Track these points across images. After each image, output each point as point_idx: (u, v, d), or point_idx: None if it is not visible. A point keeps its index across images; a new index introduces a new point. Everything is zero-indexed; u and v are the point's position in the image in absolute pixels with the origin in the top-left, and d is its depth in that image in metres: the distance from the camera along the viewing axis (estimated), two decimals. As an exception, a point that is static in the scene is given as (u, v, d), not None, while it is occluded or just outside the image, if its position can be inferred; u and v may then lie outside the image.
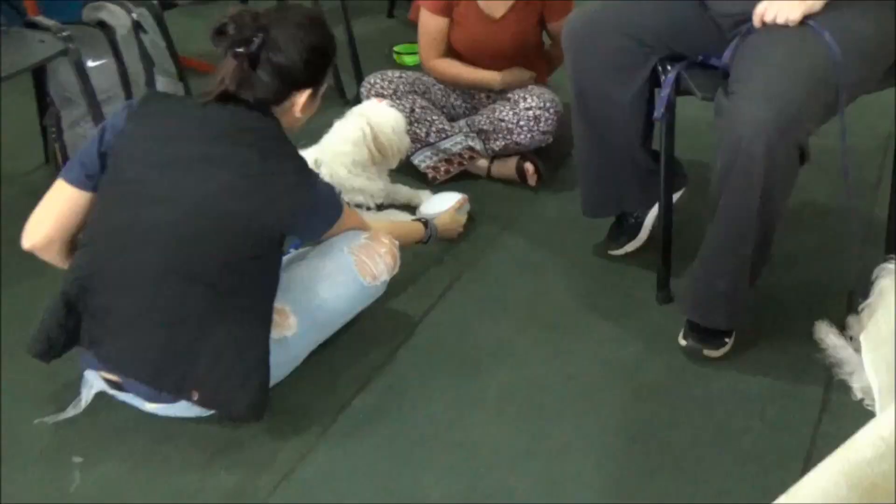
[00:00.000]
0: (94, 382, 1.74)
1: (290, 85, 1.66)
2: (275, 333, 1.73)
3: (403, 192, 2.47)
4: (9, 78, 2.04)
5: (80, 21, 2.38)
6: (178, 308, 1.57)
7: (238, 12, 1.61)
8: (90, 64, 2.34)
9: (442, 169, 2.55)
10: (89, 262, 1.61)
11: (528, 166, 2.50)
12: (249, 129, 1.61)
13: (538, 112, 2.46)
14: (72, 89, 2.32)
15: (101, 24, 2.38)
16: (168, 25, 2.62)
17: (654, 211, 2.17)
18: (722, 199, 1.72)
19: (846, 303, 1.91)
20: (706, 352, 1.87)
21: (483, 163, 2.58)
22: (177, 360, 1.60)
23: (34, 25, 2.23)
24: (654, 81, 1.94)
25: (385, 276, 1.88)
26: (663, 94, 1.87)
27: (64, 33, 2.17)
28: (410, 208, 2.44)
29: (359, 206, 2.32)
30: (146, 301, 1.58)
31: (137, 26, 2.38)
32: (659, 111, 1.87)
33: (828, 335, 1.75)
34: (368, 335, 1.98)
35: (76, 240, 1.70)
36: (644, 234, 2.21)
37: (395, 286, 2.03)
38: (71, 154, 2.46)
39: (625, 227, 2.22)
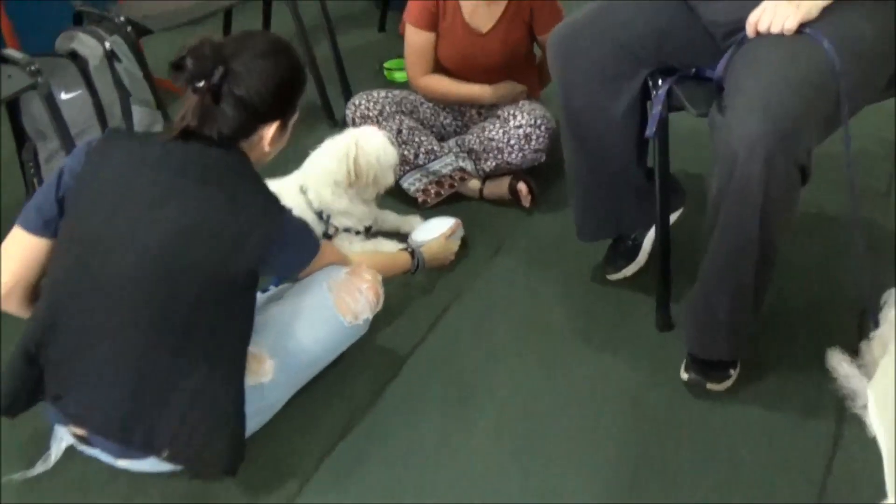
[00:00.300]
0: (64, 436, 1.66)
1: (255, 118, 1.57)
2: (250, 380, 1.64)
3: (391, 218, 2.37)
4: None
5: (52, 53, 2.30)
6: (143, 359, 1.48)
7: (197, 44, 1.52)
8: (63, 96, 2.27)
9: (432, 192, 2.46)
10: (49, 311, 1.52)
11: (522, 186, 2.40)
12: (214, 167, 1.52)
13: (529, 130, 2.36)
14: (45, 123, 2.24)
15: (73, 55, 2.30)
16: (147, 52, 2.55)
17: (652, 232, 2.06)
18: (718, 222, 1.61)
19: (858, 323, 1.79)
20: (709, 385, 1.76)
21: (475, 184, 2.48)
22: (144, 415, 1.50)
23: (3, 59, 2.15)
24: (646, 95, 1.84)
25: (367, 314, 1.78)
26: (655, 110, 1.76)
27: (32, 66, 2.09)
28: (401, 236, 2.35)
29: (347, 230, 2.23)
30: (109, 353, 1.49)
31: (111, 55, 2.31)
32: (651, 129, 1.76)
33: (840, 364, 1.63)
34: (352, 374, 1.88)
35: (39, 287, 1.61)
36: (643, 257, 2.10)
37: (382, 320, 1.94)
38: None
39: (622, 250, 2.11)
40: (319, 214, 2.20)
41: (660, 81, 1.79)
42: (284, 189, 2.24)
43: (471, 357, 1.93)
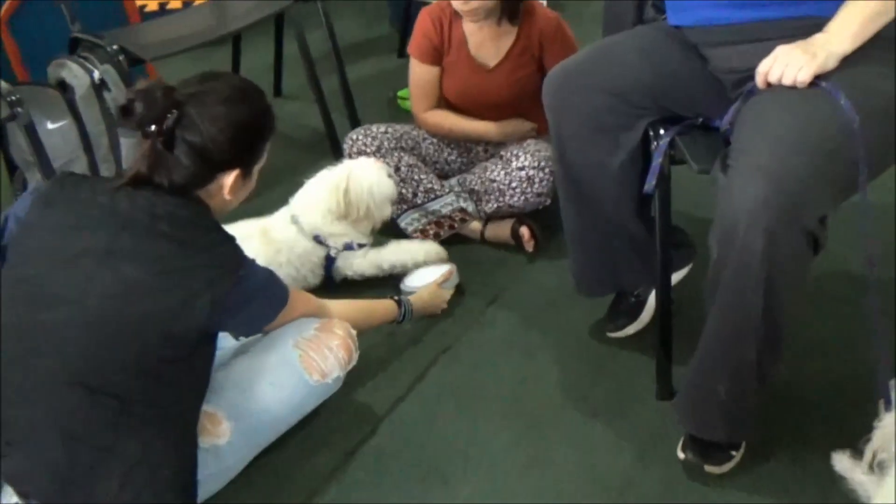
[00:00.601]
0: (12, 495, 1.56)
1: (212, 167, 1.46)
2: (204, 441, 1.53)
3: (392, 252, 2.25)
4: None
5: (38, 82, 2.24)
6: (79, 422, 1.37)
7: (147, 87, 1.42)
8: (49, 126, 2.20)
9: (431, 233, 2.33)
10: None
11: (524, 230, 2.26)
12: (164, 218, 1.41)
13: (532, 172, 2.21)
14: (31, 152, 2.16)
15: (63, 84, 2.23)
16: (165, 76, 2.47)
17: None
18: (718, 294, 1.45)
19: (876, 410, 1.61)
20: (708, 468, 1.59)
21: (476, 225, 2.34)
22: (81, 481, 1.39)
23: (-13, 87, 2.09)
24: (648, 144, 1.69)
25: (337, 373, 1.66)
26: (654, 164, 1.61)
27: (13, 97, 2.03)
28: (394, 278, 2.23)
29: (349, 248, 2.14)
30: (42, 413, 1.38)
31: (101, 84, 2.23)
32: (650, 183, 1.62)
33: (853, 471, 1.43)
34: (321, 434, 1.75)
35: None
36: (647, 315, 1.94)
37: (361, 372, 1.82)
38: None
39: (624, 307, 1.95)
40: (316, 238, 2.11)
41: (661, 132, 1.64)
42: (275, 223, 2.15)
43: (453, 421, 1.79)
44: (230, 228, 2.10)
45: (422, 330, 2.04)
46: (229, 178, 1.49)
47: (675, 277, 1.88)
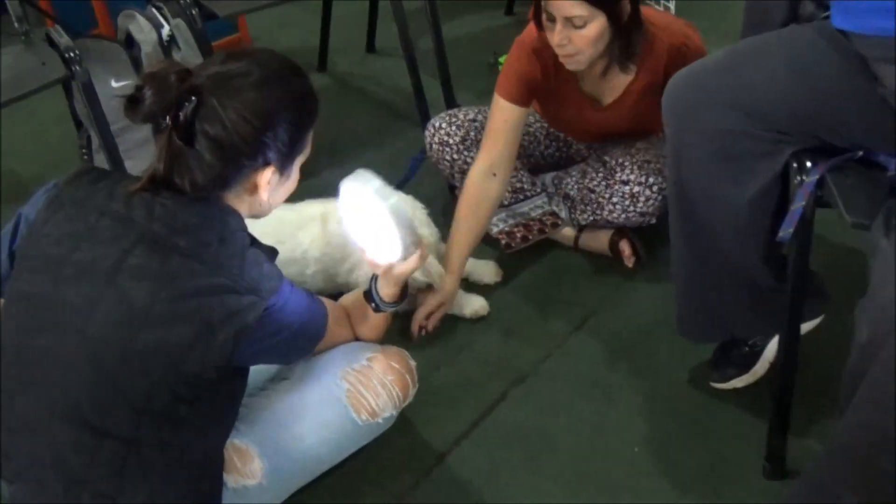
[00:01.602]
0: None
1: (240, 163, 1.22)
2: (231, 480, 1.35)
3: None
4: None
5: (105, 36, 2.05)
6: (80, 464, 1.19)
7: (158, 70, 1.17)
8: (113, 84, 2.02)
9: (518, 235, 2.06)
10: None
11: (625, 245, 1.97)
12: (185, 230, 1.19)
13: (637, 189, 1.89)
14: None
15: (130, 39, 2.04)
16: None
17: (777, 340, 1.60)
18: (863, 387, 1.15)
19: None
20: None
21: (569, 231, 2.06)
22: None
23: (50, 39, 1.92)
24: (787, 179, 1.37)
25: (390, 412, 1.44)
26: (795, 206, 1.30)
27: (71, 52, 1.84)
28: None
29: None
30: (43, 449, 1.21)
31: (170, 41, 2.03)
32: (786, 230, 1.30)
33: None
34: (366, 473, 1.55)
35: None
36: (762, 367, 1.64)
37: (421, 401, 1.58)
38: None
39: (735, 356, 1.65)
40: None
41: (808, 165, 1.32)
42: (332, 211, 1.88)
43: (517, 474, 1.55)
44: (290, 209, 1.93)
45: (492, 353, 1.80)
46: (263, 177, 1.24)
47: (804, 328, 1.57)
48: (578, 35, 1.69)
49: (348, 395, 1.41)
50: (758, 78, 1.34)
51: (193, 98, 1.17)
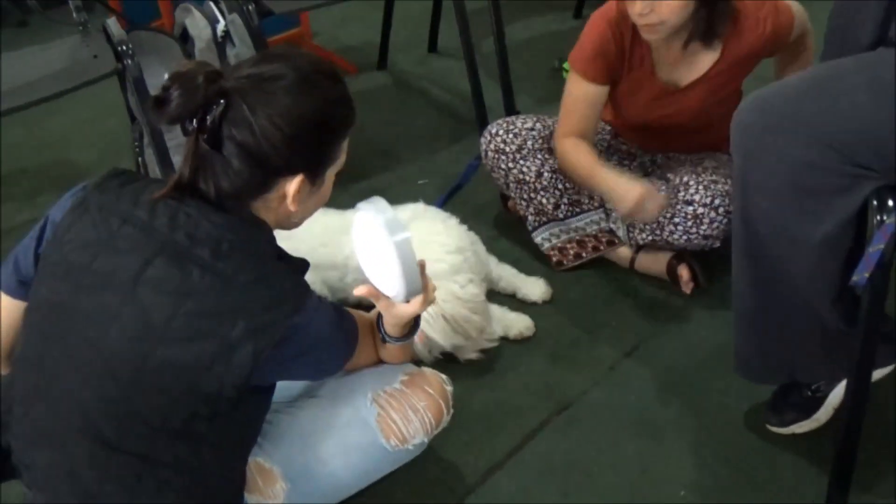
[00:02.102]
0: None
1: (269, 171, 1.16)
2: (253, 499, 1.29)
3: (509, 277, 1.92)
4: (39, 102, 1.71)
5: (157, 29, 2.02)
6: (93, 479, 1.15)
7: (186, 71, 1.11)
8: (166, 78, 1.98)
9: (571, 253, 1.97)
10: (7, 391, 1.23)
11: (683, 269, 1.86)
12: (208, 241, 1.13)
13: (701, 210, 1.78)
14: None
15: (185, 33, 2.01)
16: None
17: (843, 386, 1.48)
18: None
19: None
20: None
21: (625, 251, 1.96)
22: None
23: (106, 31, 1.89)
24: (865, 218, 1.25)
25: (420, 439, 1.37)
26: (873, 249, 1.18)
27: (123, 46, 1.82)
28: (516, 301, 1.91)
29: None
30: (58, 460, 1.17)
31: (225, 37, 1.99)
32: (861, 275, 1.19)
33: None
34: (392, 501, 1.48)
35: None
36: (824, 414, 1.52)
37: (456, 425, 1.49)
38: (151, 172, 2.15)
39: (795, 400, 1.54)
40: None
41: (890, 204, 1.20)
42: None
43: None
44: (337, 215, 1.87)
45: (536, 376, 1.72)
46: (292, 186, 1.18)
47: (876, 375, 1.45)
48: (662, 3, 1.60)
49: (378, 419, 1.34)
50: (839, 106, 1.22)
51: (222, 101, 1.11)
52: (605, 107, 1.92)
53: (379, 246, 1.24)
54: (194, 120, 1.11)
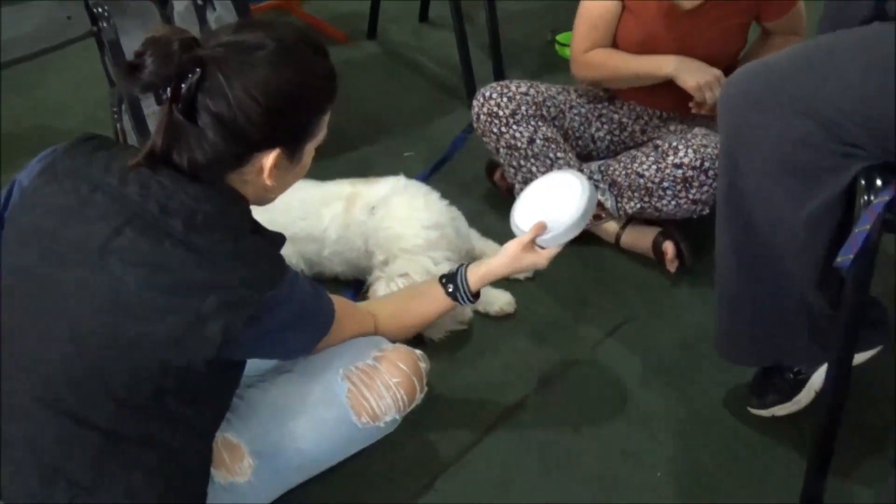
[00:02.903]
0: None
1: (245, 144, 1.12)
2: (219, 476, 1.27)
3: (491, 254, 1.88)
4: (14, 63, 1.66)
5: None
6: (58, 453, 1.12)
7: (160, 36, 1.07)
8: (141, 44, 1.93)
9: (557, 226, 1.94)
10: None
11: (668, 246, 1.83)
12: (180, 213, 1.10)
13: (690, 174, 1.75)
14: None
15: (164, -5, 1.96)
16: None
17: (825, 369, 1.45)
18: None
19: None
20: None
21: (612, 226, 1.92)
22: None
23: (82, -8, 1.84)
24: (853, 198, 1.22)
25: (393, 416, 1.34)
26: (860, 229, 1.15)
27: (99, 8, 1.77)
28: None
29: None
30: (23, 434, 1.13)
31: (204, 2, 1.94)
32: (845, 256, 1.16)
33: None
34: (365, 476, 1.46)
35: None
36: (805, 397, 1.49)
37: (432, 401, 1.48)
38: (129, 139, 2.11)
39: (777, 382, 1.51)
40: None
41: (878, 183, 1.17)
42: (369, 195, 1.80)
43: (525, 487, 1.44)
44: (318, 186, 1.84)
45: (516, 353, 1.69)
46: (269, 160, 1.14)
47: (857, 359, 1.42)
48: None
49: (349, 395, 1.31)
50: (829, 83, 1.18)
51: (197, 70, 1.07)
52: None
53: (569, 194, 1.46)
54: (168, 88, 1.07)
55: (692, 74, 1.79)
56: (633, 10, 1.87)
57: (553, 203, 1.47)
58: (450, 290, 1.47)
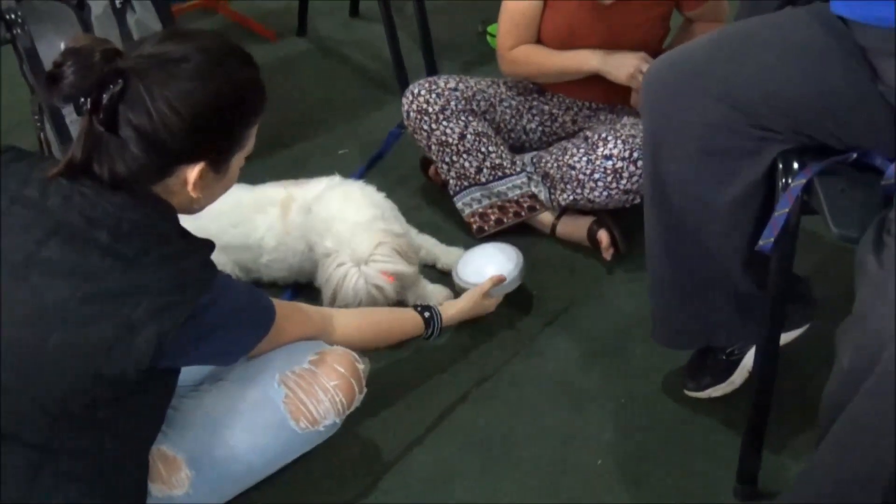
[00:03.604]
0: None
1: (167, 157, 1.11)
2: (156, 490, 1.25)
3: (430, 246, 1.89)
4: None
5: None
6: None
7: (81, 47, 1.05)
8: (63, 47, 1.87)
9: (492, 218, 1.94)
10: None
11: (603, 235, 1.84)
12: (105, 222, 1.08)
13: (620, 164, 1.77)
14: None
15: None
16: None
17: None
18: (842, 420, 1.04)
19: None
20: None
21: (547, 217, 1.94)
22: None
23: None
24: (773, 181, 1.24)
25: (331, 420, 1.33)
26: (779, 212, 1.17)
27: (12, 14, 1.71)
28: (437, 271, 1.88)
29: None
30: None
31: (125, 2, 1.89)
32: (767, 239, 1.18)
33: None
34: (307, 479, 1.45)
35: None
36: (739, 377, 1.52)
37: (373, 400, 1.47)
38: (54, 149, 2.05)
39: (711, 364, 1.54)
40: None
41: (796, 166, 1.19)
42: (302, 198, 1.77)
43: (474, 487, 1.44)
44: (250, 190, 1.81)
45: (457, 349, 1.69)
46: (193, 173, 1.13)
47: (786, 338, 1.45)
48: None
49: (286, 400, 1.30)
50: (745, 68, 1.21)
51: (119, 81, 1.05)
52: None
53: (503, 256, 1.78)
54: (88, 100, 1.05)
55: (619, 68, 1.81)
56: (555, 6, 1.87)
57: (492, 262, 1.75)
58: (426, 315, 1.58)
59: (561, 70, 1.91)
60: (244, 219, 1.76)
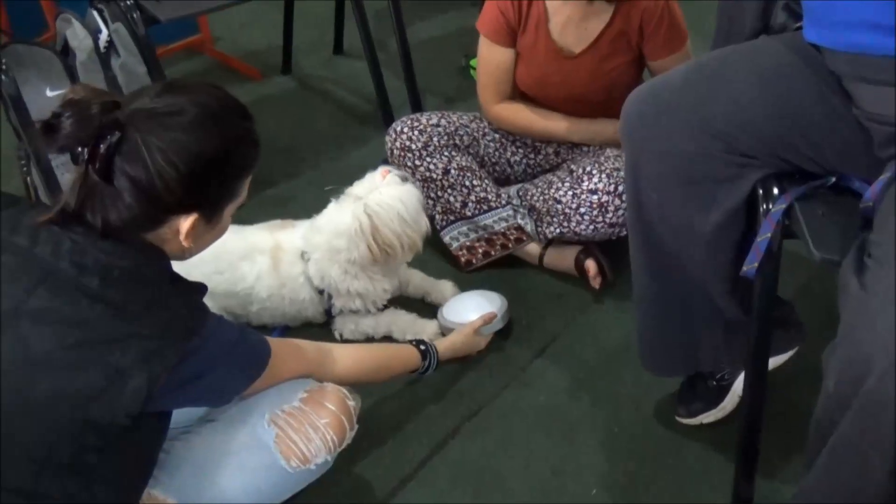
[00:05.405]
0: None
1: (161, 208, 1.12)
2: (147, 533, 1.24)
3: (418, 281, 1.89)
4: None
5: (38, 42, 1.93)
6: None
7: (80, 98, 1.06)
8: (49, 93, 1.90)
9: (480, 251, 1.95)
10: None
11: (590, 264, 1.85)
12: (96, 270, 1.08)
13: (605, 199, 1.78)
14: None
15: (66, 45, 1.92)
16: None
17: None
18: (831, 443, 1.04)
19: None
20: None
21: (534, 248, 1.94)
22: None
23: (-21, 46, 1.80)
24: (754, 207, 1.25)
25: (322, 458, 1.32)
26: (760, 238, 1.18)
27: (-5, 63, 1.73)
28: (426, 305, 1.88)
29: (355, 312, 1.77)
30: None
31: (109, 47, 1.90)
32: (750, 265, 1.19)
33: None
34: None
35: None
36: (730, 402, 1.53)
37: (365, 436, 1.46)
38: (41, 193, 2.05)
39: (701, 390, 1.54)
40: (321, 292, 1.75)
41: (776, 192, 1.21)
42: (290, 244, 1.77)
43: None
44: (236, 233, 1.80)
45: (447, 382, 1.69)
46: (186, 223, 1.14)
47: (774, 362, 1.46)
48: None
49: (277, 440, 1.29)
50: (722, 96, 1.22)
51: (116, 132, 1.06)
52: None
53: (485, 299, 1.81)
54: (85, 150, 1.06)
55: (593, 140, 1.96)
56: (525, 56, 1.92)
57: (476, 305, 1.78)
58: (422, 348, 1.60)
59: (547, 136, 2.00)
60: (229, 266, 1.74)
